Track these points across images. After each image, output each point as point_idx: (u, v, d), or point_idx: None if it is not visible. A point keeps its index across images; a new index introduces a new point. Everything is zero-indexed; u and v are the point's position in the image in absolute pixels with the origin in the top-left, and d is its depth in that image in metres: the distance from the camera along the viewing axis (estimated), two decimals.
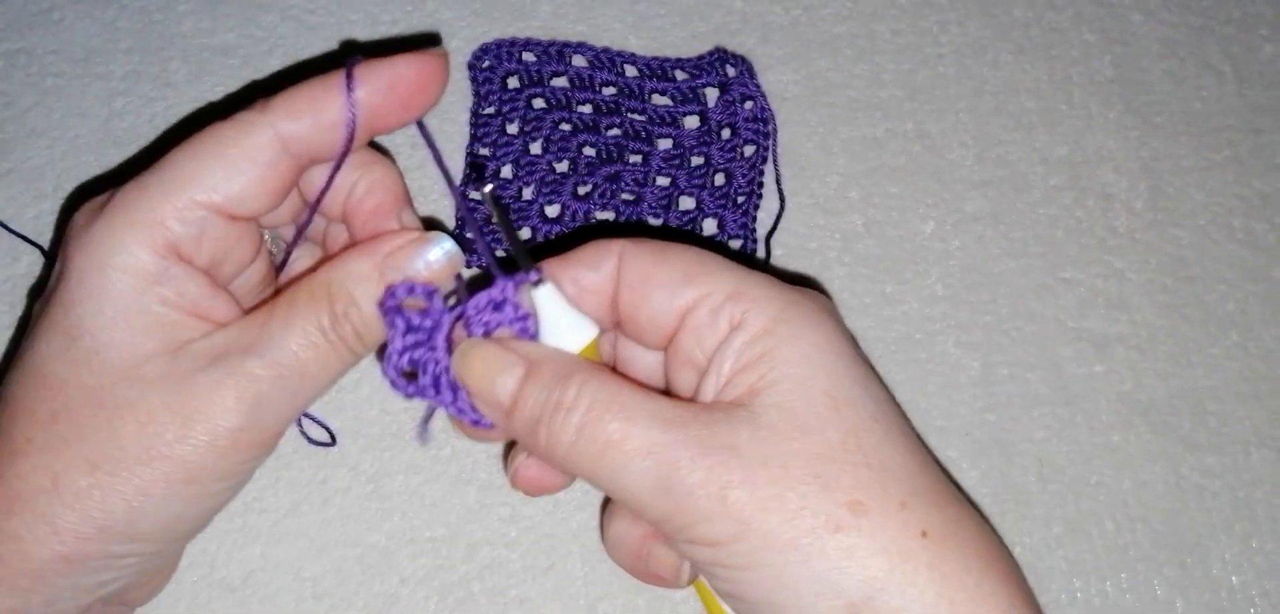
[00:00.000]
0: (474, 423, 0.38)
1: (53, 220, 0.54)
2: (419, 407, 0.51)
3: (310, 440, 0.50)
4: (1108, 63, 0.60)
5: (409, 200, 0.41)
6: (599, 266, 0.39)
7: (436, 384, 0.38)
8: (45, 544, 0.35)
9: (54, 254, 0.53)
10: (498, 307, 0.38)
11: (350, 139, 0.37)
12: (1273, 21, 0.62)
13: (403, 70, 0.37)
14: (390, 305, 0.37)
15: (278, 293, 0.39)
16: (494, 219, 0.39)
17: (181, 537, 0.39)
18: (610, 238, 0.40)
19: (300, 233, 0.41)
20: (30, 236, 0.53)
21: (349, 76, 0.37)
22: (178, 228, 0.36)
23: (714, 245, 0.53)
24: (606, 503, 0.45)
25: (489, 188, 0.39)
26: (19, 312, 0.52)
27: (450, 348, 0.38)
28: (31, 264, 0.53)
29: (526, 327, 0.38)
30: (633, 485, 0.34)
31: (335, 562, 0.49)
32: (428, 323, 0.38)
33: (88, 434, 0.35)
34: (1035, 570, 0.51)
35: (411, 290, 0.38)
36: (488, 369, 0.37)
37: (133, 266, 0.36)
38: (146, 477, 0.35)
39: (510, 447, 0.48)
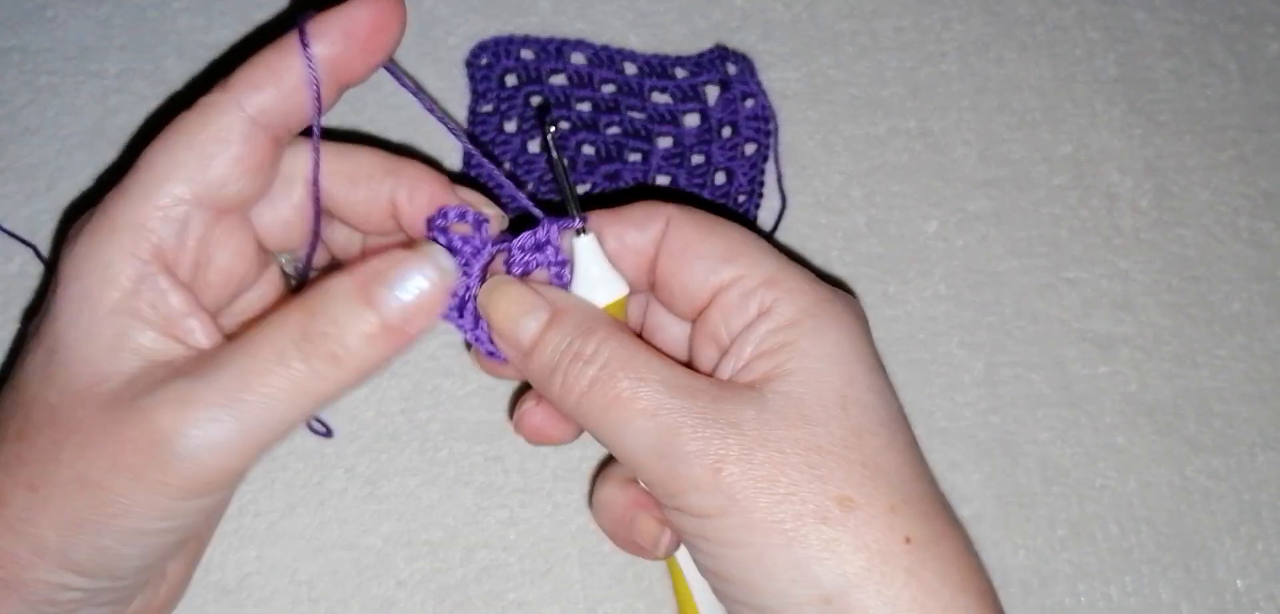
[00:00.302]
0: (489, 354, 0.39)
1: (47, 219, 0.53)
2: (418, 406, 0.51)
3: (311, 428, 0.49)
4: (1112, 61, 0.60)
5: (453, 187, 0.40)
6: (645, 228, 0.39)
7: (461, 308, 0.38)
8: None
9: (51, 260, 0.53)
10: (539, 247, 0.39)
11: (319, 99, 0.36)
12: (1278, 19, 0.61)
13: (356, 15, 0.36)
14: (438, 223, 0.38)
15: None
16: (552, 162, 0.39)
17: (125, 575, 0.35)
18: (660, 201, 0.40)
19: (314, 245, 0.39)
20: (24, 236, 0.53)
21: (302, 35, 0.36)
22: (160, 229, 0.35)
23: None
24: (599, 471, 0.46)
25: (552, 130, 0.39)
26: (12, 312, 0.52)
27: (484, 278, 0.39)
28: (25, 263, 0.53)
29: (562, 274, 0.39)
30: (632, 443, 0.35)
31: (331, 564, 0.49)
32: (469, 249, 0.38)
33: (37, 455, 0.34)
34: (1040, 574, 0.50)
35: (462, 216, 0.38)
36: (513, 309, 0.37)
37: (108, 274, 0.34)
38: (77, 505, 0.33)
39: (520, 392, 0.47)
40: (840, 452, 0.35)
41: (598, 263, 0.39)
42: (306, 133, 0.37)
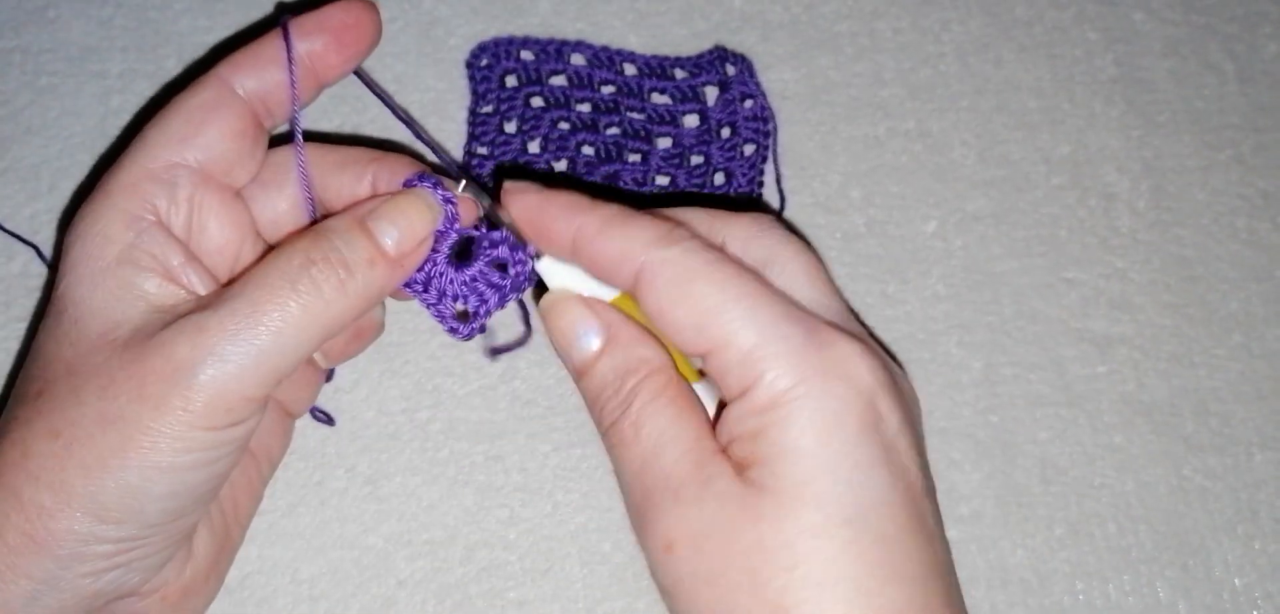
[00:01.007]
0: (450, 331, 0.41)
1: (49, 219, 0.54)
2: (418, 406, 0.51)
3: (314, 414, 0.50)
4: (1110, 61, 0.60)
5: (430, 173, 0.41)
6: (616, 273, 0.38)
7: (426, 283, 0.40)
8: (14, 525, 0.34)
9: (53, 260, 0.53)
10: (511, 247, 0.41)
11: (296, 86, 0.39)
12: (1276, 20, 0.61)
13: (332, 19, 0.39)
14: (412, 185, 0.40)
15: None
16: (492, 210, 0.41)
17: (154, 521, 0.36)
18: (638, 223, 0.37)
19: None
20: (25, 236, 0.53)
21: (285, 34, 0.39)
22: (152, 190, 0.37)
23: None
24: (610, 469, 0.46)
25: (461, 185, 0.41)
26: (14, 311, 0.52)
27: (450, 256, 0.40)
28: (27, 264, 0.53)
29: (520, 274, 0.41)
30: (622, 482, 0.38)
31: (332, 564, 0.49)
32: (439, 224, 0.40)
33: (57, 405, 0.35)
34: (1038, 573, 0.51)
35: (434, 187, 0.40)
36: (572, 326, 0.39)
37: (108, 233, 0.36)
38: (101, 444, 0.34)
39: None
40: (803, 551, 0.33)
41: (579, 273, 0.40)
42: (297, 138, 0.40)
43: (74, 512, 0.34)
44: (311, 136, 0.42)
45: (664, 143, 0.56)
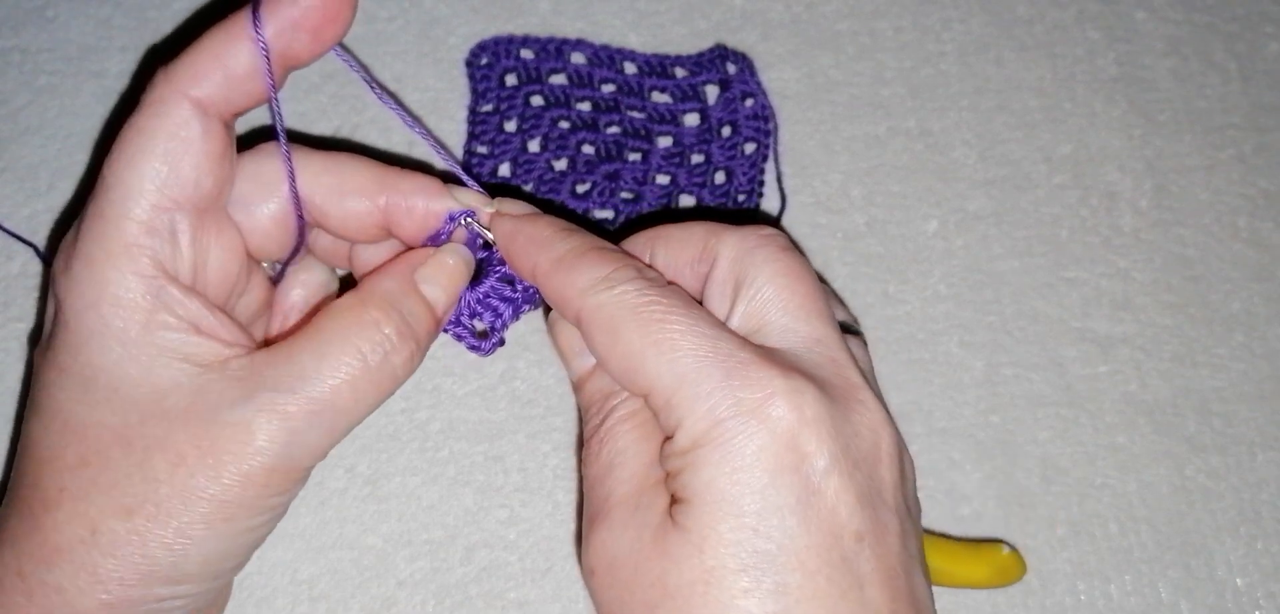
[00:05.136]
0: (472, 348, 0.41)
1: (47, 219, 0.53)
2: (418, 406, 0.51)
3: None
4: (1111, 60, 0.60)
5: (447, 190, 0.40)
6: (566, 314, 0.38)
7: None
8: (89, 595, 0.34)
9: (48, 256, 0.53)
10: (509, 282, 0.42)
11: (274, 83, 0.36)
12: (1278, 19, 0.61)
13: (306, 2, 0.35)
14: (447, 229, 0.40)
15: (310, 317, 0.39)
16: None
17: (227, 573, 0.38)
18: (585, 265, 0.37)
19: (299, 249, 0.40)
20: (24, 236, 0.53)
21: (255, 16, 0.35)
22: (152, 243, 0.35)
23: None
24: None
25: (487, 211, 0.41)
26: (12, 311, 0.52)
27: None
28: (25, 263, 0.53)
29: (531, 287, 0.41)
30: (586, 484, 0.38)
31: (332, 564, 0.49)
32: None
33: (120, 479, 0.34)
34: (1039, 573, 0.50)
35: (467, 228, 0.40)
36: (571, 342, 0.40)
37: (125, 299, 0.35)
38: (184, 519, 0.34)
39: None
40: (697, 598, 0.33)
41: None
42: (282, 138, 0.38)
43: (156, 583, 0.35)
44: (296, 138, 0.40)
45: (664, 142, 0.56)
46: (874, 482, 0.35)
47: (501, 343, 0.42)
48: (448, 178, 0.41)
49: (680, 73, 0.57)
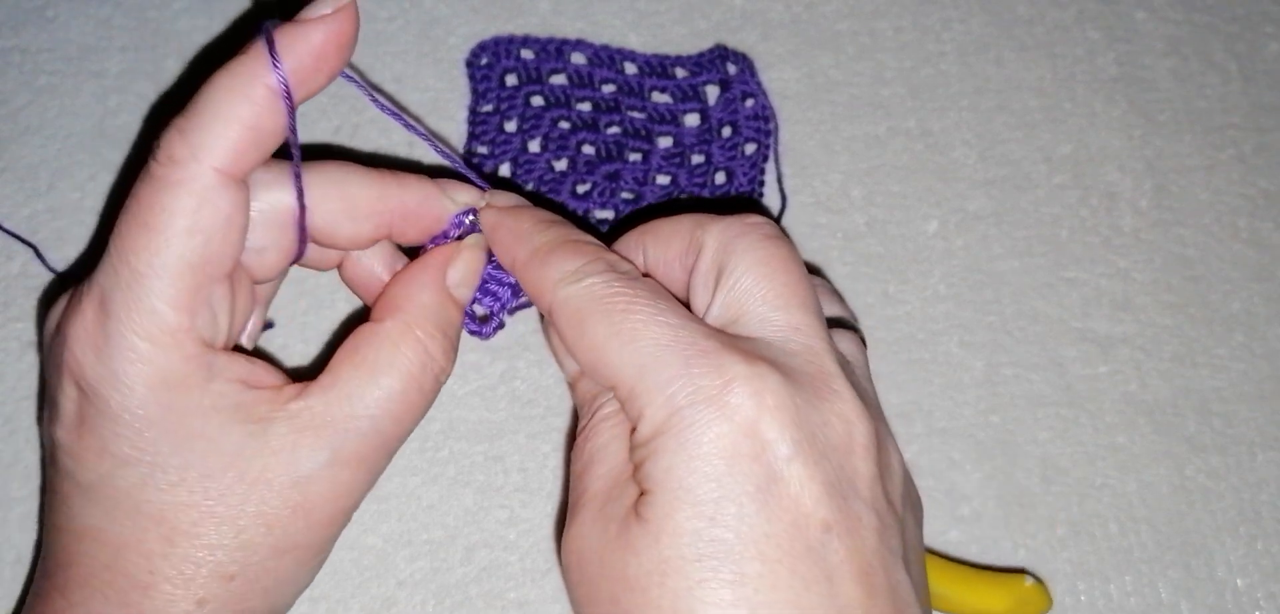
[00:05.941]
0: (473, 333, 0.42)
1: (47, 219, 0.53)
2: None
3: None
4: (1111, 60, 0.60)
5: (443, 192, 0.41)
6: (540, 307, 0.39)
7: None
8: None
9: (47, 260, 0.53)
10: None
11: (293, 115, 0.35)
12: (1278, 19, 0.61)
13: (314, 33, 0.35)
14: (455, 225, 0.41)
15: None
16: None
17: (290, 604, 0.40)
18: (557, 259, 0.38)
19: (294, 262, 0.40)
20: (24, 236, 0.53)
21: (272, 52, 0.34)
22: (194, 323, 0.35)
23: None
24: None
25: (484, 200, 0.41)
26: (12, 311, 0.52)
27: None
28: (25, 264, 0.53)
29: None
30: (569, 481, 0.38)
31: (331, 564, 0.48)
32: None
33: (217, 550, 0.35)
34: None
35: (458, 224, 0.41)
36: (562, 344, 0.40)
37: (177, 382, 0.34)
38: (277, 574, 0.37)
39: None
40: (655, 590, 0.32)
41: None
42: (283, 152, 0.37)
43: None
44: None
45: (665, 142, 0.56)
46: (845, 472, 0.33)
47: (501, 326, 0.42)
48: (444, 175, 0.41)
49: (680, 73, 0.57)
